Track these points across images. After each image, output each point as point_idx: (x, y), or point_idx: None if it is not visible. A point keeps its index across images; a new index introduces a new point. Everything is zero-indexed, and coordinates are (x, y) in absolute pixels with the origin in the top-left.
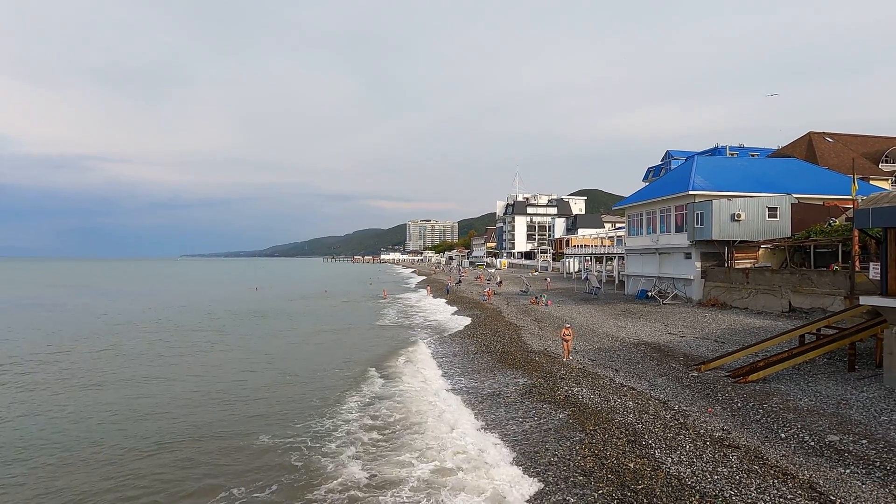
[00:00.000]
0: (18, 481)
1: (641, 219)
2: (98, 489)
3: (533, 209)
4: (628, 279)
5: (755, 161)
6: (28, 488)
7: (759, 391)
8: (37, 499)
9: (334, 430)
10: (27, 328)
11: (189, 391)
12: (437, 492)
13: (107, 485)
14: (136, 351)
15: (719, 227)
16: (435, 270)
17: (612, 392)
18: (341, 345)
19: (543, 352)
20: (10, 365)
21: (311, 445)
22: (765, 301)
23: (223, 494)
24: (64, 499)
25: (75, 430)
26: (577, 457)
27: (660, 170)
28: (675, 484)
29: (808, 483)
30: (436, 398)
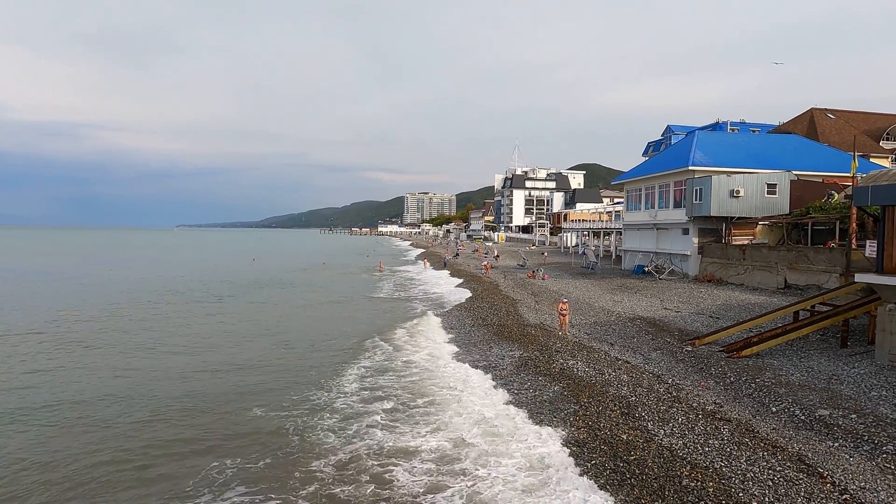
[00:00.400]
0: (9, 450)
1: (640, 194)
2: (88, 458)
3: (531, 183)
4: (625, 254)
5: (756, 137)
6: (18, 457)
7: (752, 366)
8: (26, 468)
9: (332, 402)
10: (23, 297)
11: (184, 362)
12: (431, 464)
13: (98, 454)
14: (132, 320)
15: (718, 204)
16: (432, 243)
17: (606, 365)
18: (339, 317)
19: (539, 325)
20: (5, 334)
21: (307, 418)
22: (761, 277)
23: (215, 464)
24: (54, 468)
25: (67, 398)
26: (570, 428)
27: (660, 144)
28: (667, 455)
29: (798, 455)
30: (430, 370)
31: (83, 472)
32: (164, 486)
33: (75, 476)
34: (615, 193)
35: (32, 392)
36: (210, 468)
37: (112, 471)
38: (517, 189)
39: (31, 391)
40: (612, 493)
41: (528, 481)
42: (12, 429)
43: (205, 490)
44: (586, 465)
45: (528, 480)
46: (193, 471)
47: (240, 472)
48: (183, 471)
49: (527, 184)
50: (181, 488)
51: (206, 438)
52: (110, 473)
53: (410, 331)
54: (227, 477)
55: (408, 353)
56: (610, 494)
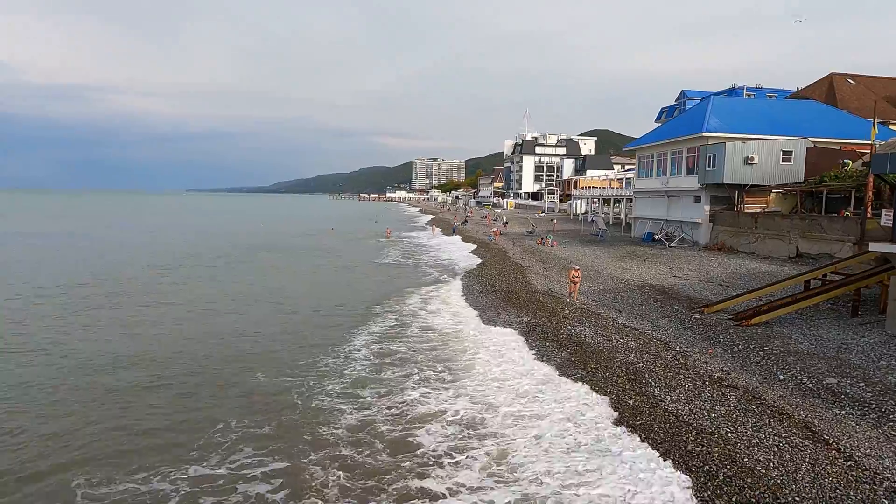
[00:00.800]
0: (10, 415)
1: (652, 160)
2: (90, 424)
3: (541, 149)
4: (635, 222)
5: (772, 103)
6: (21, 422)
7: (760, 334)
8: (27, 431)
9: (343, 367)
10: (29, 261)
11: (190, 326)
12: (452, 427)
13: (100, 420)
14: (139, 283)
15: (731, 171)
16: (441, 210)
17: (614, 332)
18: (347, 282)
19: (548, 292)
20: (11, 297)
21: (315, 382)
22: (772, 246)
23: (220, 426)
24: (58, 431)
25: (68, 362)
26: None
27: (673, 110)
28: (673, 421)
29: (804, 422)
30: (439, 334)
31: (88, 435)
32: (170, 448)
33: (80, 440)
34: (626, 160)
35: (32, 353)
36: (215, 431)
37: (118, 435)
38: (527, 155)
39: (31, 350)
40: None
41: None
42: (11, 390)
43: (211, 453)
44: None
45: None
46: (199, 435)
47: (247, 435)
48: (188, 434)
49: (537, 150)
50: (187, 451)
51: (211, 402)
52: (115, 437)
53: (419, 296)
54: (232, 440)
55: (414, 318)
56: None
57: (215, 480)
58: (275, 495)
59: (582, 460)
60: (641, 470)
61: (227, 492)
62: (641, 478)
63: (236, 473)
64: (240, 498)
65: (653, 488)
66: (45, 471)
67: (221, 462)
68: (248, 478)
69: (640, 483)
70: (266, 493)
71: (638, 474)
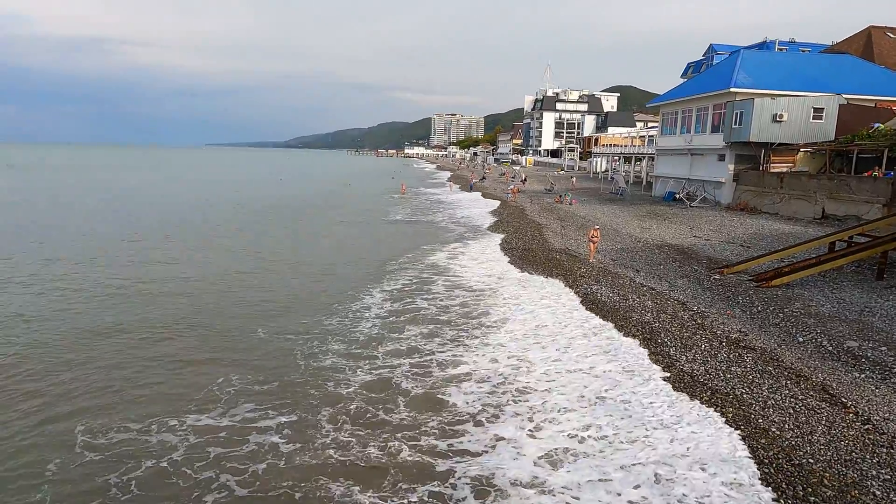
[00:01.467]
0: (20, 360)
1: (676, 117)
2: (95, 372)
3: (562, 105)
4: (656, 180)
5: (805, 57)
6: (28, 368)
7: (780, 296)
8: (32, 378)
9: (355, 325)
10: (42, 212)
11: (199, 279)
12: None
13: (107, 368)
14: (151, 237)
15: (758, 128)
16: (459, 166)
17: (631, 291)
18: (359, 239)
19: (565, 250)
20: (27, 251)
21: (323, 342)
22: (797, 207)
23: (221, 380)
24: (57, 386)
25: (75, 313)
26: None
27: (700, 65)
28: (688, 380)
29: (822, 385)
30: (450, 291)
31: (93, 383)
32: (173, 399)
33: (85, 387)
34: (649, 117)
35: (38, 304)
36: (222, 383)
37: (123, 384)
38: (547, 111)
39: (36, 301)
40: None
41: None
42: (22, 337)
43: (217, 406)
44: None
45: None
46: (204, 389)
47: (255, 390)
48: (192, 388)
49: (557, 106)
50: (189, 402)
51: (218, 356)
52: (120, 385)
53: (435, 252)
54: (240, 394)
55: (422, 275)
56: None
57: (220, 431)
58: (286, 447)
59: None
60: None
61: (236, 443)
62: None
63: (246, 426)
64: (253, 447)
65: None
66: (49, 417)
67: (227, 413)
68: (260, 429)
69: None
70: (279, 444)
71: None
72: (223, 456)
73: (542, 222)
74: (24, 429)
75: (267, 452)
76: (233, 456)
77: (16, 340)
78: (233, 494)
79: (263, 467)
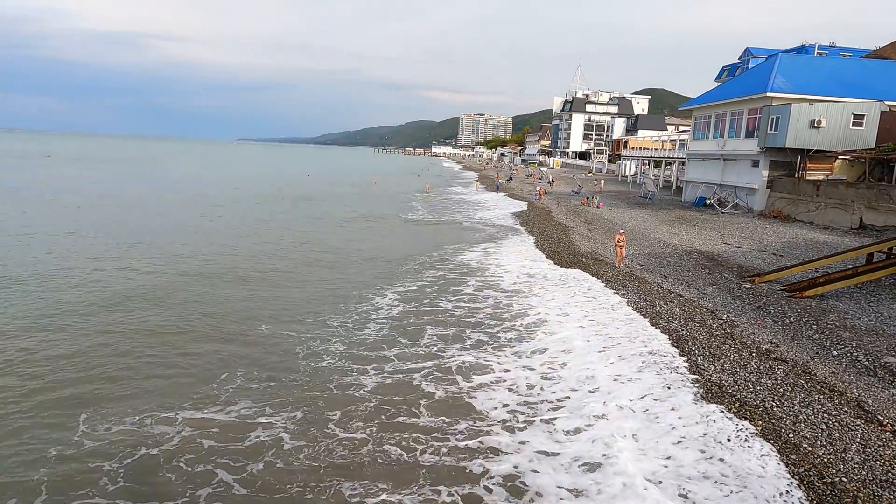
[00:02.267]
0: (36, 345)
1: (709, 121)
2: (99, 359)
3: (592, 107)
4: (687, 185)
5: (846, 62)
6: (35, 349)
7: (814, 307)
8: (35, 358)
9: (367, 320)
10: (61, 211)
11: (222, 273)
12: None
13: (111, 355)
14: (176, 226)
15: (795, 134)
16: (485, 166)
17: (658, 297)
18: (378, 237)
19: (591, 253)
20: (51, 233)
21: (328, 339)
22: (833, 216)
23: (224, 376)
24: (56, 368)
25: (91, 295)
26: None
27: (736, 69)
28: (716, 391)
29: (856, 401)
30: (471, 291)
31: (95, 370)
32: (176, 390)
33: (88, 375)
34: (681, 121)
35: (51, 284)
36: (227, 379)
37: (126, 372)
38: (577, 113)
39: (49, 281)
40: None
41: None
42: (33, 319)
43: (224, 400)
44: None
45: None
46: (209, 383)
47: (263, 385)
48: (197, 380)
49: (587, 108)
50: (192, 395)
51: (227, 353)
52: (125, 374)
53: (453, 249)
54: (249, 389)
55: (444, 273)
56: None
57: (227, 424)
58: (290, 443)
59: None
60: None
61: (239, 438)
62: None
63: (254, 421)
64: (260, 439)
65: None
66: (51, 402)
67: (237, 408)
68: (265, 425)
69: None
70: (282, 439)
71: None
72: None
73: (568, 224)
74: (26, 410)
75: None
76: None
77: (27, 322)
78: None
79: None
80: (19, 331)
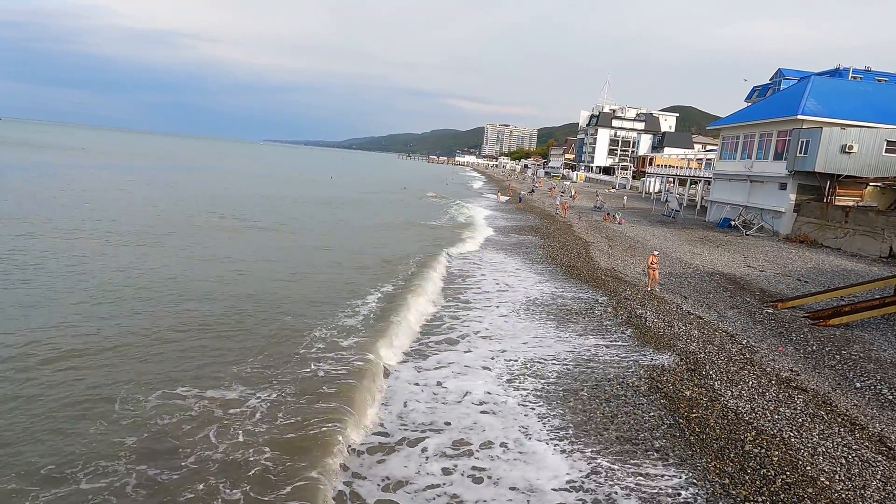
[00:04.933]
0: (52, 334)
1: (737, 142)
2: (124, 346)
3: (619, 122)
4: (711, 205)
5: (882, 87)
6: (55, 342)
7: (838, 337)
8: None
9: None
10: (118, 198)
11: (244, 272)
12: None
13: (138, 342)
14: (197, 224)
15: (825, 159)
16: (508, 177)
17: (677, 318)
18: (393, 240)
19: (610, 270)
20: (66, 230)
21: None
22: (862, 243)
23: (235, 369)
24: (73, 356)
25: (107, 291)
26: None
27: (767, 90)
28: (732, 417)
29: (879, 436)
30: (489, 299)
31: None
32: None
33: (105, 363)
34: (708, 140)
35: (77, 279)
36: (245, 370)
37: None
38: (602, 127)
39: (75, 277)
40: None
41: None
42: (57, 310)
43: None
44: (644, 416)
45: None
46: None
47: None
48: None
49: (613, 123)
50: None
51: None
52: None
53: (474, 260)
54: (251, 372)
55: (464, 282)
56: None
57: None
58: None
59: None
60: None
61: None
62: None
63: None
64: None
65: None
66: (95, 383)
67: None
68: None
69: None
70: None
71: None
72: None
73: (589, 239)
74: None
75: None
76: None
77: (67, 309)
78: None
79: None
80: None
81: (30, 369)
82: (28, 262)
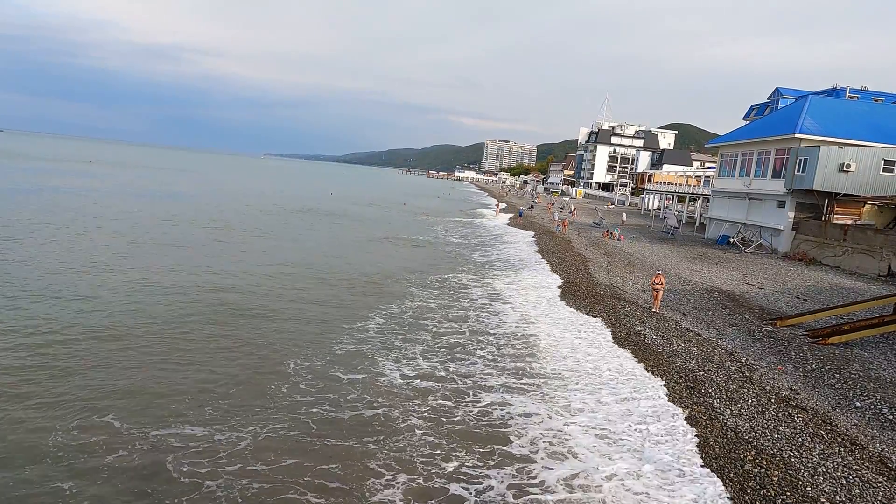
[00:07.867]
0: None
1: (736, 159)
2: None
3: (618, 139)
4: (710, 223)
5: (878, 107)
6: (51, 367)
7: (838, 355)
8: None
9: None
10: (118, 212)
11: (243, 288)
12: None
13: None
14: (196, 238)
15: (823, 177)
16: (507, 193)
17: (676, 336)
18: (377, 256)
19: (609, 286)
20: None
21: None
22: (860, 261)
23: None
24: (66, 388)
25: (113, 305)
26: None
27: (765, 108)
28: (731, 436)
29: (879, 457)
30: (486, 316)
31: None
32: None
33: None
34: (706, 158)
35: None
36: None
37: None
38: (602, 144)
39: (56, 299)
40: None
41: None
42: (55, 332)
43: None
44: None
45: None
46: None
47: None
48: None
49: (612, 140)
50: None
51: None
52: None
53: (472, 274)
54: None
55: (461, 299)
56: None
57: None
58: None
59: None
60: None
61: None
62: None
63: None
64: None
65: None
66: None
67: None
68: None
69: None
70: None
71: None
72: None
73: (587, 256)
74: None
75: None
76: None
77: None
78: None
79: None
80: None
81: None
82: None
